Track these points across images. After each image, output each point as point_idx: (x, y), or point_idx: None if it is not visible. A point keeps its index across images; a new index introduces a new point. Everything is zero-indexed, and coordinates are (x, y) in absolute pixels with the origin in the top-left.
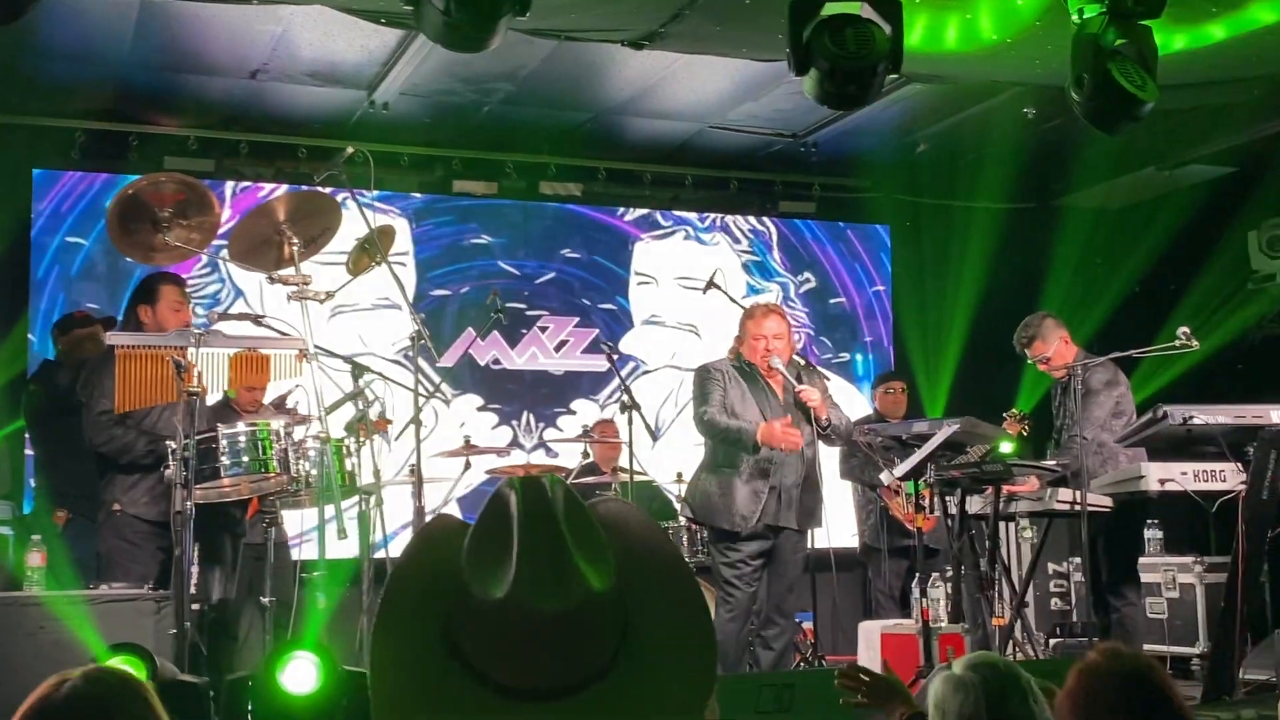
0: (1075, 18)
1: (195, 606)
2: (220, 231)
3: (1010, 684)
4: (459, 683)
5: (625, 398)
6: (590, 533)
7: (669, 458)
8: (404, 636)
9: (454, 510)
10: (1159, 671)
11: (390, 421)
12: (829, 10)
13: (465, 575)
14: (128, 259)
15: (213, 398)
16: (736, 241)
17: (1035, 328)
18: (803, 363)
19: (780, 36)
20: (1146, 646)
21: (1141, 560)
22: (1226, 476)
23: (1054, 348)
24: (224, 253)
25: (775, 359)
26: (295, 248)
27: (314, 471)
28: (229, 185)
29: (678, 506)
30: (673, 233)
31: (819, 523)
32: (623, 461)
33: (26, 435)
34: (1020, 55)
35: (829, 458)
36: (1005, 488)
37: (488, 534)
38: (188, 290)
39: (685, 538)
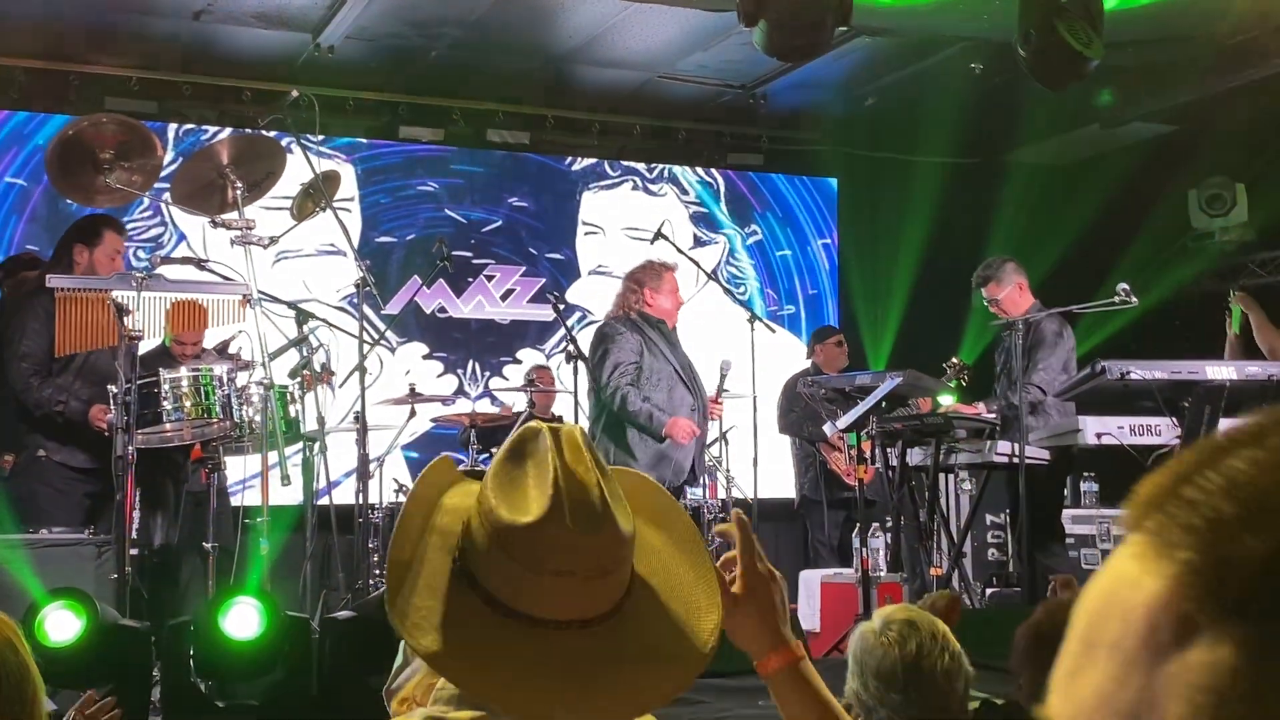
0: None
1: (135, 552)
2: (163, 174)
3: (926, 638)
4: (474, 606)
5: (571, 348)
6: (612, 482)
7: None
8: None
9: (397, 457)
10: None
11: (333, 373)
12: None
13: (489, 503)
14: (68, 201)
15: (148, 344)
16: (684, 192)
17: (995, 269)
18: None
19: None
20: None
21: (1077, 513)
22: (1162, 431)
23: (1006, 292)
24: (166, 196)
25: None
26: (239, 192)
27: (257, 418)
28: (172, 128)
29: None
30: (621, 183)
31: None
32: (568, 411)
33: None
34: (967, 10)
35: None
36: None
37: (517, 466)
38: (128, 233)
39: None
